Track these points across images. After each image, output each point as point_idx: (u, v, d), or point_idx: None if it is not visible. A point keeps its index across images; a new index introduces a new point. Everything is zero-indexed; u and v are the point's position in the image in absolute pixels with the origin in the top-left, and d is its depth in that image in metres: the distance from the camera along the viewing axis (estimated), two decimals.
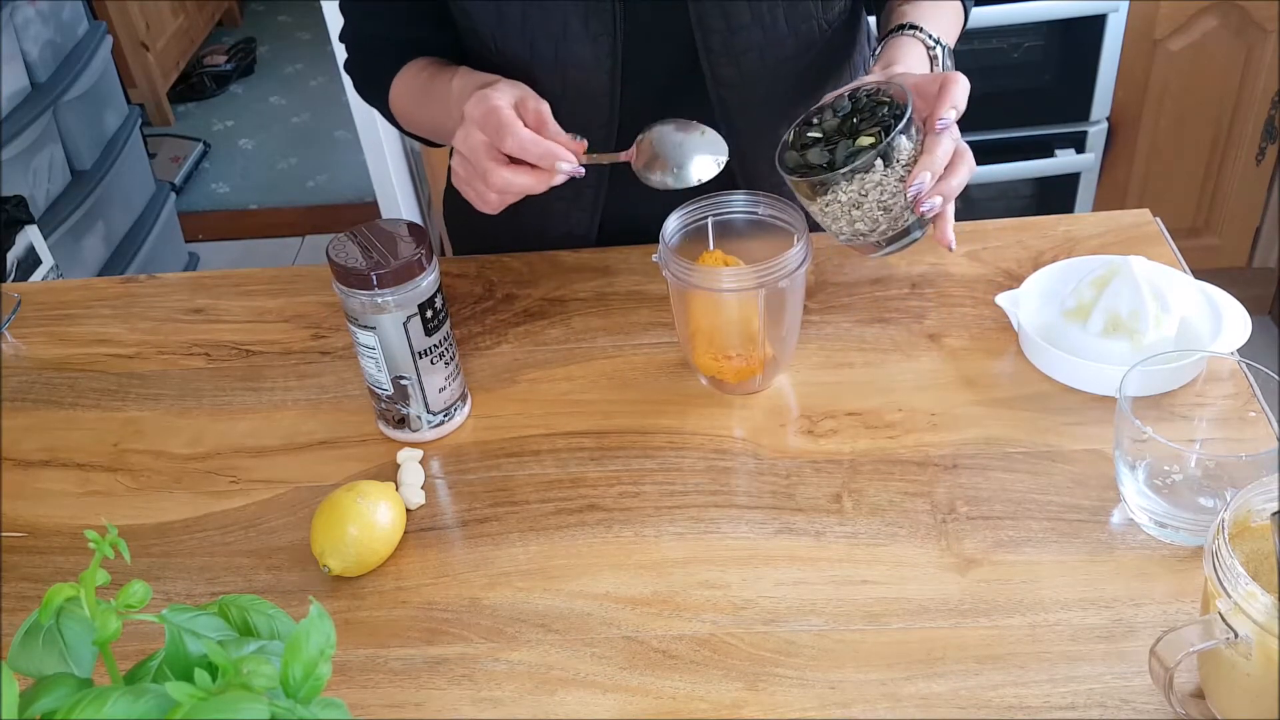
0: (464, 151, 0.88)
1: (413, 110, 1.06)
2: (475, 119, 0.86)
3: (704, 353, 0.90)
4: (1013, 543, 0.77)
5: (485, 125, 0.85)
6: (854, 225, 0.84)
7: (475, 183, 0.88)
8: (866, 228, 0.84)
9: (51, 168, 2.30)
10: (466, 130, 0.87)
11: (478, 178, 0.87)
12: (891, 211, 0.83)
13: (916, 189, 0.81)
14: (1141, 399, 0.80)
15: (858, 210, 0.83)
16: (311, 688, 0.49)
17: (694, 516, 0.82)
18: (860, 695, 0.69)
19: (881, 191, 0.82)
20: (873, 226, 0.84)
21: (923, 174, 0.81)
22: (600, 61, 0.97)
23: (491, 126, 0.85)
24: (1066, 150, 2.09)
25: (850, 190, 0.82)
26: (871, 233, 0.84)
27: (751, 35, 0.96)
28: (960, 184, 0.83)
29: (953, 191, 0.82)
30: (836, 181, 0.82)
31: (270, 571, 0.82)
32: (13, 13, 2.19)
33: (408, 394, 0.89)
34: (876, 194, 0.82)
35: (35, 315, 1.13)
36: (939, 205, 0.82)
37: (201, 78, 3.69)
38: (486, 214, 0.91)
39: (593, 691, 0.71)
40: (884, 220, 0.84)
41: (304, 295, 1.10)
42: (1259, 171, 2.12)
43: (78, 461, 0.95)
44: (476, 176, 0.88)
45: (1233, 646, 0.61)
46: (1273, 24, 1.95)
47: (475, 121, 0.86)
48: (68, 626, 0.51)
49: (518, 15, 0.96)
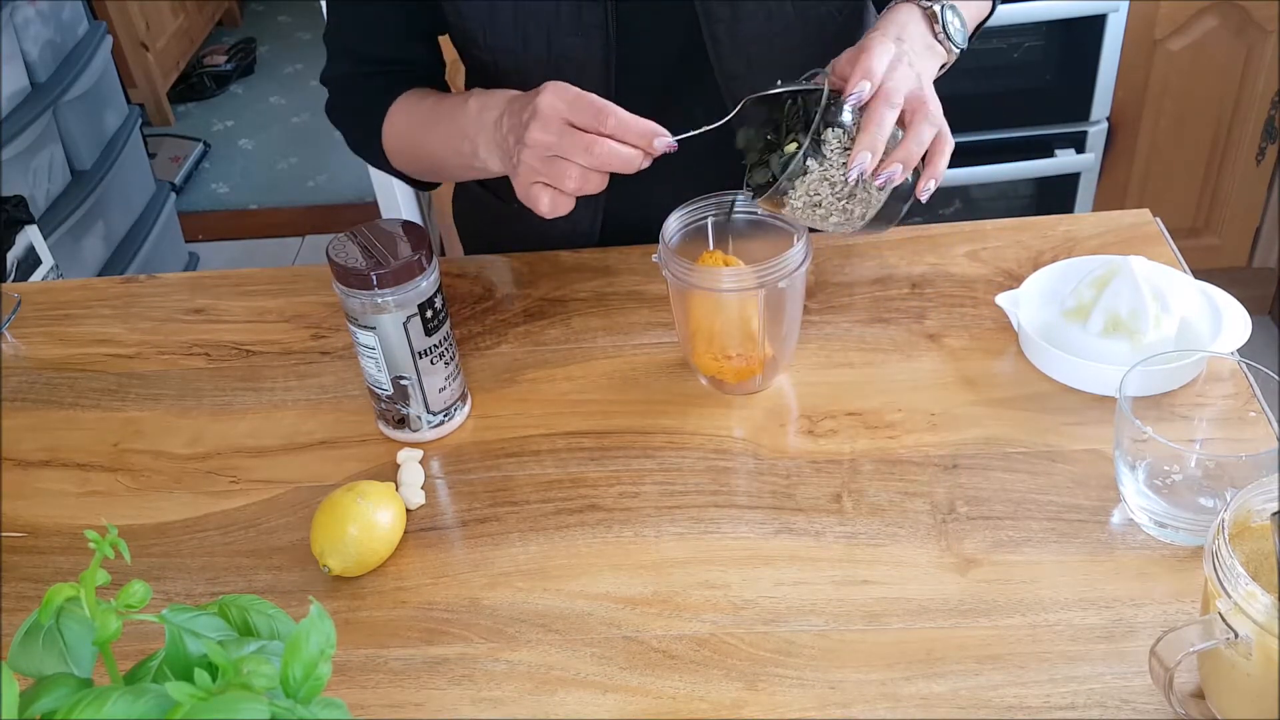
0: (542, 140, 0.83)
1: (417, 136, 1.02)
2: (563, 105, 0.82)
3: (704, 353, 0.90)
4: (1013, 543, 0.77)
5: (578, 108, 0.82)
6: (829, 220, 0.84)
7: (557, 170, 0.83)
8: (841, 218, 0.84)
9: (51, 168, 2.30)
10: (545, 121, 0.82)
11: (561, 163, 0.83)
12: (857, 196, 0.83)
13: (857, 171, 0.80)
14: (1141, 399, 0.80)
15: (820, 209, 0.83)
16: (311, 688, 0.49)
17: (694, 516, 0.82)
18: (860, 695, 0.69)
19: (832, 185, 0.82)
20: (846, 216, 0.84)
21: (861, 154, 0.80)
22: (594, 55, 0.96)
23: (588, 109, 0.82)
24: (1066, 150, 2.09)
25: (801, 195, 0.82)
26: (850, 219, 0.84)
27: (758, 25, 0.96)
28: (918, 142, 0.81)
29: (913, 158, 0.81)
30: (784, 192, 0.82)
31: (270, 571, 0.82)
32: (13, 13, 2.19)
33: (408, 394, 0.89)
34: (828, 189, 0.82)
35: (35, 315, 1.13)
36: (898, 174, 0.81)
37: (201, 78, 3.69)
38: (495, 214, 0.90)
39: (593, 691, 0.71)
40: (856, 206, 0.83)
41: (304, 295, 1.10)
42: (1259, 171, 2.12)
43: (78, 461, 0.95)
44: (558, 163, 0.83)
45: (1233, 646, 0.60)
46: (1273, 24, 1.95)
47: (563, 107, 0.82)
48: (68, 626, 0.51)
49: (509, 10, 0.96)
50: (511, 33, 0.97)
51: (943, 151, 0.84)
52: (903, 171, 0.81)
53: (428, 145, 1.01)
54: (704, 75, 0.99)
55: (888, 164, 0.81)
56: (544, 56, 0.97)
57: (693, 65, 0.99)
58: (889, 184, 0.82)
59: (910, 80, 0.82)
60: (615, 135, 0.82)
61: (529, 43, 0.97)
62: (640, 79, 0.99)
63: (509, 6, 0.96)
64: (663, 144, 0.82)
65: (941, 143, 0.84)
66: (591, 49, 0.96)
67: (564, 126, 0.82)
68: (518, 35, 0.97)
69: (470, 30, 0.99)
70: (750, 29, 0.96)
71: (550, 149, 0.83)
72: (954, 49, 0.91)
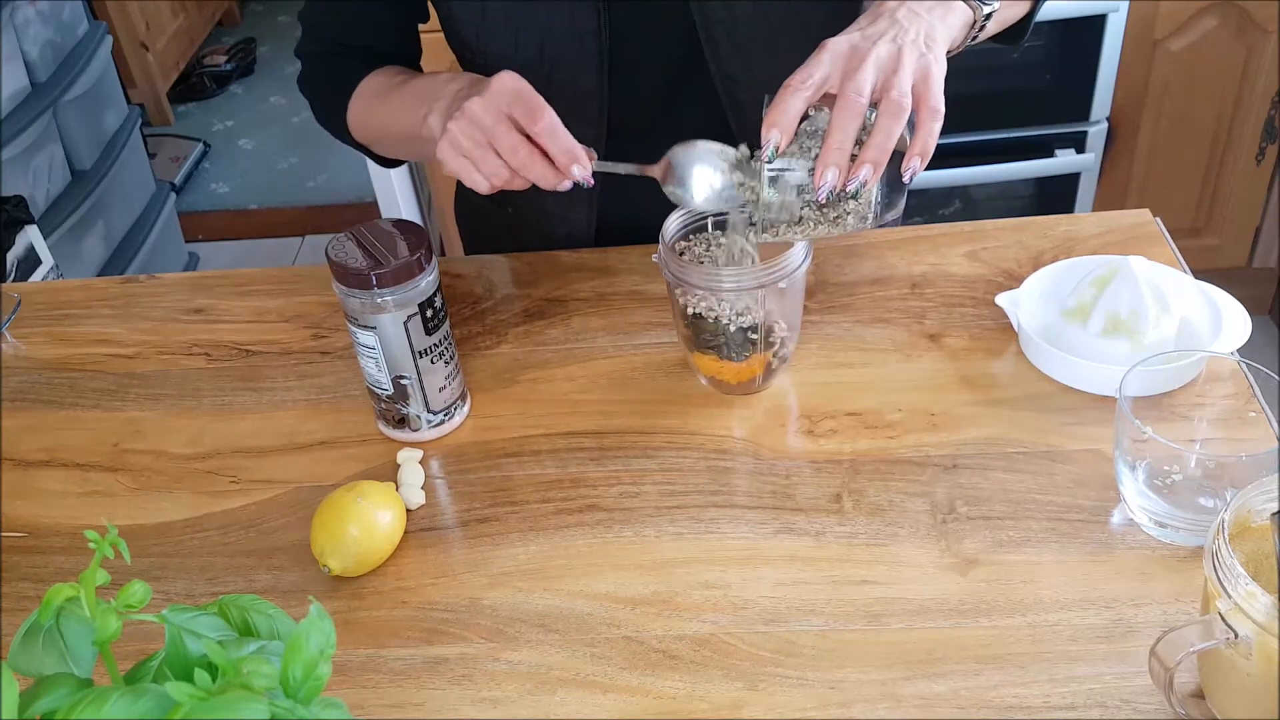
0: (478, 117, 0.82)
1: (382, 105, 1.00)
2: (506, 92, 0.82)
3: (704, 353, 0.90)
4: (1013, 543, 0.77)
5: (518, 100, 0.82)
6: (815, 231, 0.81)
7: (480, 151, 0.83)
8: (834, 229, 0.81)
9: (51, 168, 2.30)
10: (487, 100, 0.82)
11: (486, 147, 0.83)
12: (843, 204, 0.80)
13: (825, 191, 0.77)
14: (1141, 399, 0.80)
15: (798, 226, 0.81)
16: (311, 688, 0.49)
17: (694, 516, 0.82)
18: (860, 695, 0.69)
19: (803, 205, 0.80)
20: (839, 225, 0.81)
21: (826, 171, 0.77)
22: (587, 59, 0.96)
23: (526, 104, 0.81)
24: (1066, 150, 2.09)
25: (778, 221, 0.81)
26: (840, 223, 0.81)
27: (755, 26, 0.95)
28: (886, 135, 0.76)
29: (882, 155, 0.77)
30: (765, 228, 0.81)
31: (270, 571, 0.82)
32: (13, 13, 2.19)
33: (408, 393, 0.89)
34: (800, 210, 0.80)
35: (35, 315, 1.13)
36: (868, 175, 0.77)
37: (201, 78, 3.69)
38: (495, 216, 0.90)
39: (593, 691, 0.71)
40: (849, 215, 0.80)
41: (304, 295, 1.10)
42: (1259, 171, 2.12)
43: (78, 461, 0.95)
44: (484, 145, 0.83)
45: (1233, 646, 0.60)
46: (1273, 24, 1.95)
47: (506, 94, 0.82)
48: (68, 626, 0.51)
49: (501, 14, 0.95)
50: (503, 36, 0.97)
51: (926, 124, 0.78)
52: (874, 172, 0.77)
53: (388, 110, 0.99)
54: (702, 79, 0.99)
55: (856, 169, 0.77)
56: (536, 60, 0.96)
57: (690, 69, 0.99)
58: (856, 190, 0.78)
59: (880, 64, 0.78)
60: (540, 140, 0.82)
61: (521, 47, 0.96)
62: (636, 84, 0.98)
63: (500, 9, 0.95)
64: (580, 173, 0.82)
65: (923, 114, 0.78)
66: (585, 53, 0.96)
67: (501, 115, 0.82)
68: (510, 39, 0.96)
69: (463, 33, 0.99)
70: (748, 30, 0.95)
71: (483, 131, 0.82)
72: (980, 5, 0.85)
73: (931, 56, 0.79)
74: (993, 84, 2.02)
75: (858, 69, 0.77)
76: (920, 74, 0.78)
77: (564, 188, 0.84)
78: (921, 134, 0.78)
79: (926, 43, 0.80)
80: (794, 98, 0.78)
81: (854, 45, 0.79)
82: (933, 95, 0.78)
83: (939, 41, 0.81)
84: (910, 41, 0.79)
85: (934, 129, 0.78)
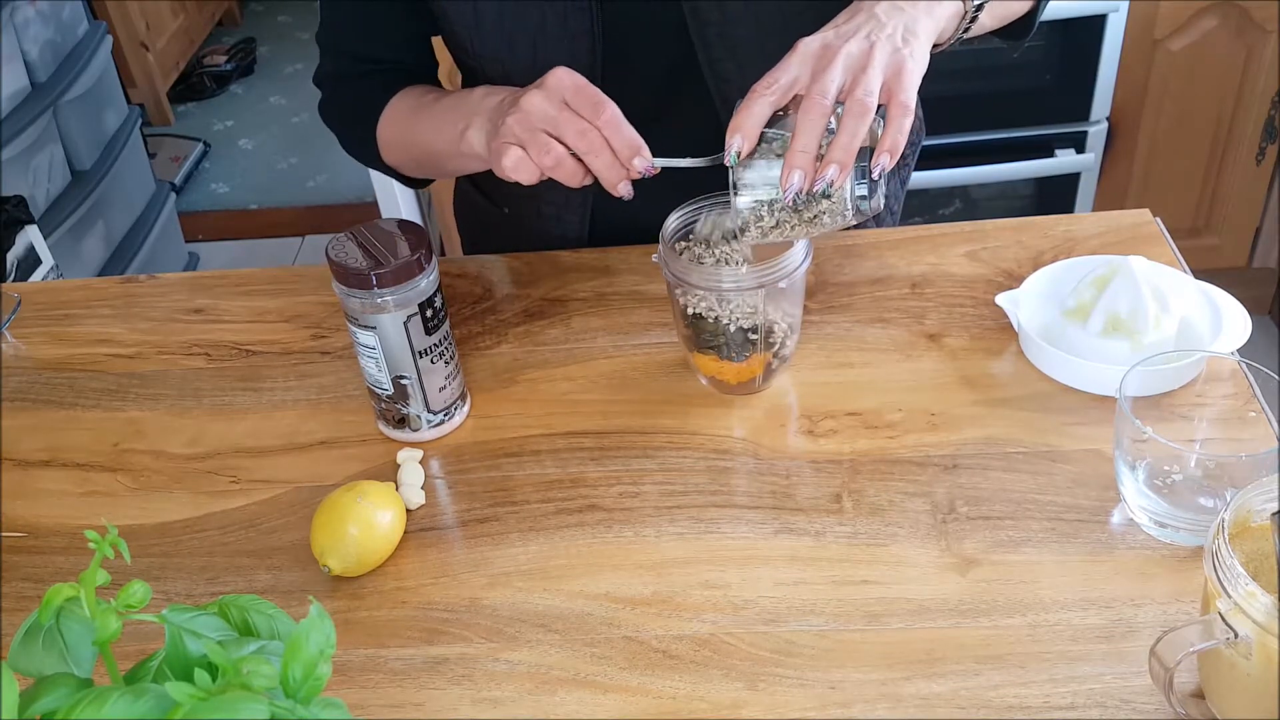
0: (540, 108, 0.81)
1: (416, 122, 1.00)
2: (566, 86, 0.82)
3: (704, 353, 0.90)
4: (1012, 543, 0.77)
5: (580, 93, 0.81)
6: (793, 233, 0.81)
7: (544, 140, 0.82)
8: (812, 230, 0.81)
9: (51, 168, 2.30)
10: (549, 93, 0.82)
11: (539, 133, 0.82)
12: (817, 205, 0.79)
13: (791, 194, 0.77)
14: (1141, 399, 0.80)
15: (778, 229, 0.81)
16: (311, 688, 0.49)
17: (694, 516, 0.82)
18: (860, 695, 0.69)
19: (773, 211, 0.79)
20: (816, 226, 0.80)
21: (791, 174, 0.76)
22: (580, 61, 0.95)
23: (588, 97, 0.81)
24: (1066, 150, 2.09)
25: (758, 225, 0.80)
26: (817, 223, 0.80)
27: (748, 27, 0.95)
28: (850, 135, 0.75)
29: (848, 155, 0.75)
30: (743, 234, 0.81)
31: (270, 571, 0.82)
32: (13, 13, 2.19)
33: (408, 393, 0.89)
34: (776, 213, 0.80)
35: (35, 315, 1.13)
36: (834, 175, 0.76)
37: (201, 78, 3.69)
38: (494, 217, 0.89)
39: (593, 691, 0.71)
40: (824, 214, 0.79)
41: (304, 295, 1.10)
42: (1259, 171, 2.12)
43: (78, 461, 0.95)
44: (536, 131, 0.82)
45: (1233, 646, 0.61)
46: (1273, 24, 1.95)
47: (566, 87, 0.82)
48: (68, 626, 0.51)
49: (494, 15, 0.95)
50: (497, 39, 0.96)
51: (895, 119, 0.77)
52: (840, 172, 0.76)
53: (422, 131, 1.00)
54: (695, 80, 0.99)
55: (822, 170, 0.76)
56: (530, 63, 0.96)
57: (683, 70, 0.99)
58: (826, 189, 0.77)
59: (850, 63, 0.77)
60: (604, 131, 0.81)
61: (515, 49, 0.96)
62: (629, 86, 0.98)
63: (493, 11, 0.95)
64: (642, 164, 0.82)
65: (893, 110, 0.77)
66: (578, 55, 0.96)
67: (563, 106, 0.82)
68: (503, 41, 0.96)
69: (457, 35, 0.99)
70: (741, 31, 0.95)
71: (543, 120, 0.82)
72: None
73: (907, 52, 0.78)
74: (993, 84, 2.02)
75: (825, 69, 0.77)
76: (892, 70, 0.77)
77: (622, 190, 0.83)
78: (890, 130, 0.77)
79: (904, 38, 0.79)
80: (758, 102, 0.77)
81: (826, 44, 0.79)
82: (904, 91, 0.77)
83: (921, 36, 0.80)
84: (885, 37, 0.78)
85: (903, 125, 0.77)
